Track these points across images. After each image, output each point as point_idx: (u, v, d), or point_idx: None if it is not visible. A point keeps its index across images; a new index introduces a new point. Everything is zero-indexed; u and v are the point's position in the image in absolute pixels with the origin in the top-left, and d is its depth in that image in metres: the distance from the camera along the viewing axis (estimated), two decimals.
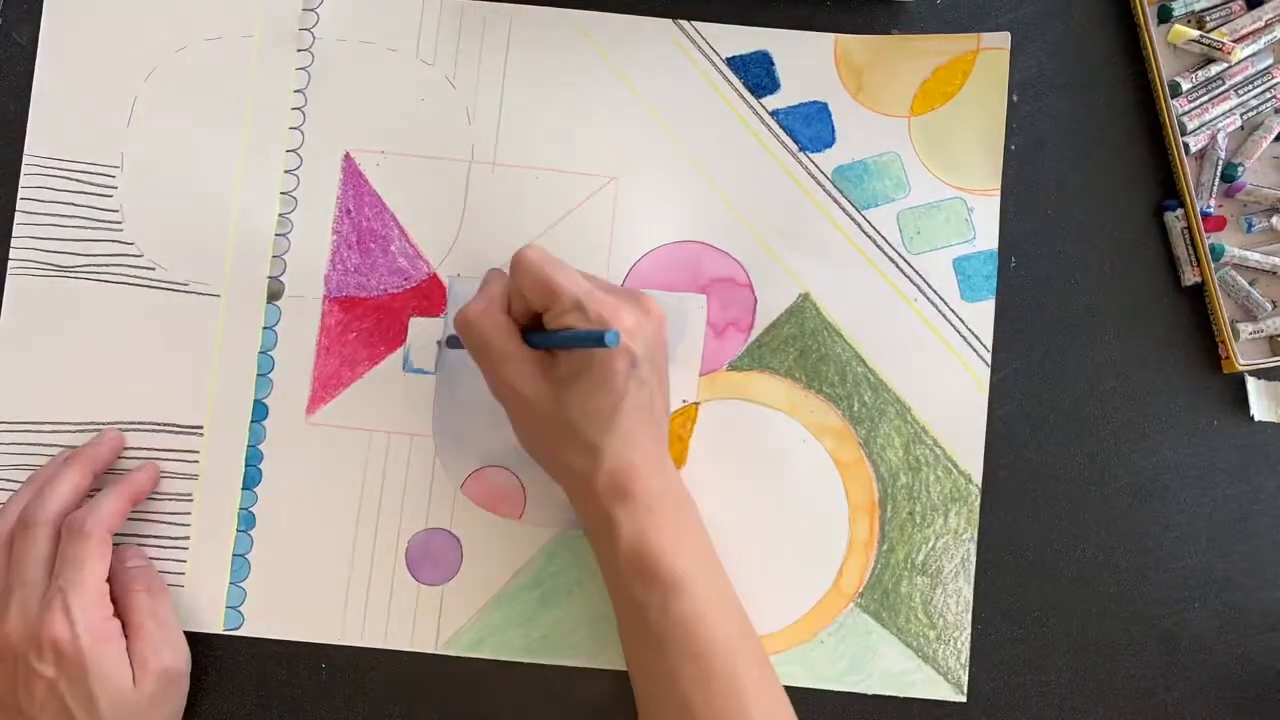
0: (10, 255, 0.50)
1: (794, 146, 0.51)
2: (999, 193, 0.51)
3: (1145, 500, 0.50)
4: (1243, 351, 0.50)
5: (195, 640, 0.49)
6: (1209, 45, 0.50)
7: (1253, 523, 0.50)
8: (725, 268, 0.50)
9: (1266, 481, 0.51)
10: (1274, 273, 0.50)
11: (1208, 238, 0.49)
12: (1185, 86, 0.50)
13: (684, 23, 0.51)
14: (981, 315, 0.50)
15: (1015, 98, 0.51)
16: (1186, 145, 0.50)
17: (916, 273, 0.50)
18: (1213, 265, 0.49)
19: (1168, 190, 0.51)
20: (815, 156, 0.51)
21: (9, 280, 0.50)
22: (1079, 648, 0.50)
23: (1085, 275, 0.51)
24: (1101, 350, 0.51)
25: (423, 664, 0.49)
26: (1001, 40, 0.51)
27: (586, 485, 0.43)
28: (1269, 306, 0.50)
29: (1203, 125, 0.50)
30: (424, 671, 0.49)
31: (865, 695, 0.49)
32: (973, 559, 0.49)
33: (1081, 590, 0.50)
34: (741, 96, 0.51)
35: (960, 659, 0.49)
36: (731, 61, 0.51)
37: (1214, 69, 0.50)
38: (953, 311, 0.50)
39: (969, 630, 0.49)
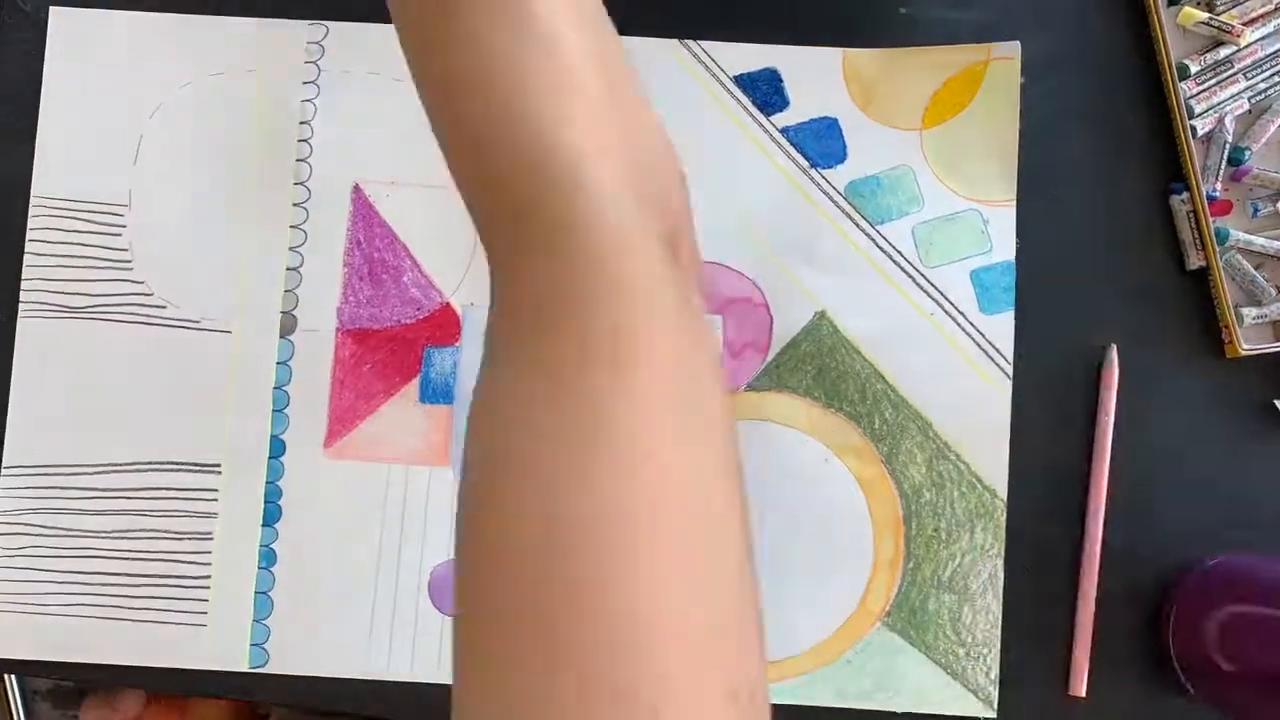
0: (21, 298, 0.50)
1: (805, 163, 0.50)
2: (1014, 203, 0.50)
3: (1146, 485, 0.50)
4: (1246, 336, 0.49)
5: (220, 679, 0.48)
6: (1218, 28, 0.49)
7: (1253, 508, 0.50)
8: (740, 288, 0.50)
9: (1267, 467, 0.50)
10: (1279, 257, 0.50)
11: (1213, 221, 0.49)
12: (1194, 69, 0.50)
13: (690, 42, 0.51)
14: (1001, 327, 0.50)
15: (1022, 79, 0.50)
16: (1193, 128, 0.49)
17: (934, 286, 0.50)
18: (1217, 249, 0.49)
19: (1174, 173, 0.51)
20: (827, 173, 0.50)
21: (20, 323, 0.50)
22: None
23: (1089, 257, 0.50)
24: (1104, 333, 0.50)
25: (450, 696, 0.49)
26: (1012, 50, 0.50)
27: None
28: (1274, 291, 0.50)
29: (1210, 108, 0.50)
30: (451, 703, 0.49)
31: (894, 714, 0.49)
32: (1000, 574, 0.49)
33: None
34: (750, 114, 0.51)
35: (990, 675, 0.49)
36: (739, 79, 0.51)
37: (1223, 52, 0.50)
38: (971, 325, 0.50)
39: (998, 646, 0.49)
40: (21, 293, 0.50)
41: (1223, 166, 0.50)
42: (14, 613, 0.49)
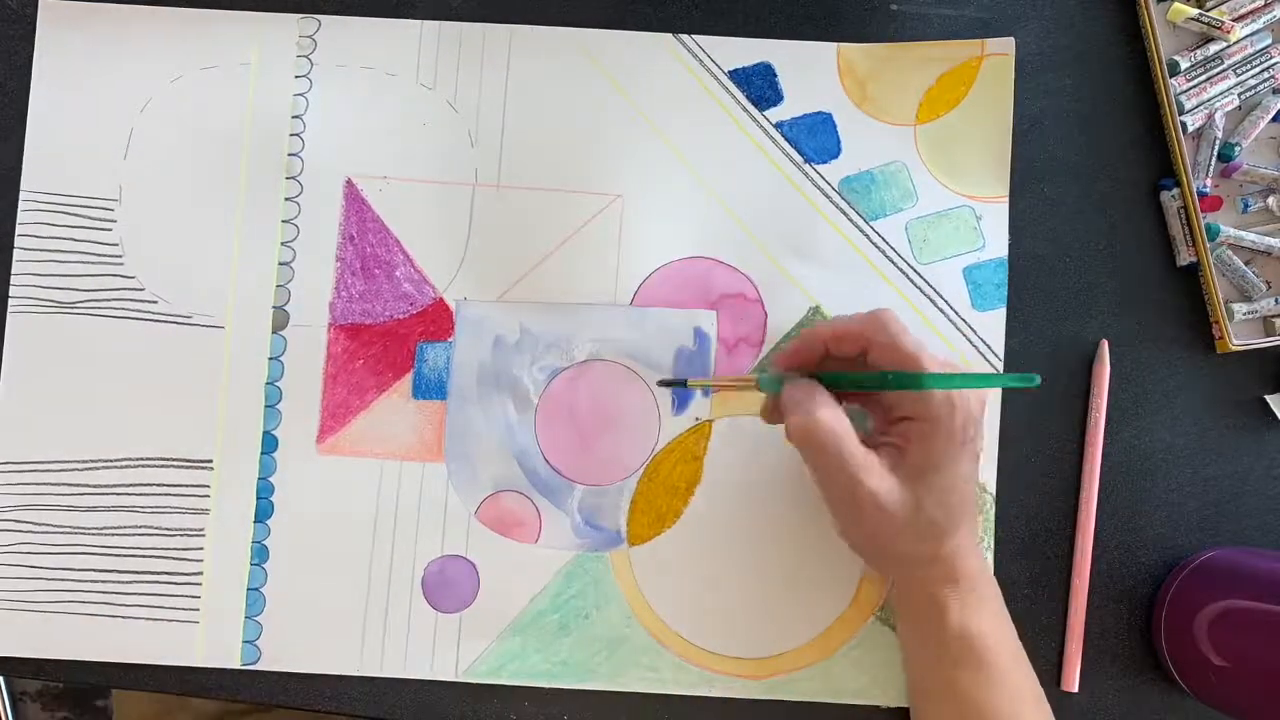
0: (10, 293, 0.50)
1: (799, 158, 0.50)
2: (1008, 200, 0.50)
3: (1137, 480, 0.50)
4: (1237, 332, 0.50)
5: (213, 676, 0.48)
6: (1208, 24, 0.49)
7: (1243, 503, 0.50)
8: (734, 283, 0.50)
9: (1257, 463, 0.51)
10: (1269, 253, 0.50)
11: (1203, 217, 0.49)
12: (1184, 65, 0.50)
13: (684, 36, 0.51)
14: (993, 324, 0.50)
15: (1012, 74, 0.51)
16: (1184, 124, 0.50)
17: (927, 283, 0.50)
18: (1208, 245, 0.49)
19: (1164, 169, 0.51)
20: (821, 168, 0.50)
21: (9, 318, 0.50)
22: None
23: (1080, 254, 0.51)
24: (1095, 329, 0.50)
25: (443, 692, 0.49)
26: (1006, 45, 0.50)
27: (921, 571, 0.43)
28: (1264, 287, 0.50)
29: (1200, 104, 0.50)
30: (444, 700, 0.49)
31: (888, 709, 0.49)
32: (990, 567, 0.49)
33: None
34: (745, 109, 0.51)
35: None
36: (733, 74, 0.51)
37: (1213, 48, 0.50)
38: (964, 321, 0.50)
39: None
40: (11, 288, 0.50)
41: (1213, 162, 0.50)
42: (3, 609, 0.49)
